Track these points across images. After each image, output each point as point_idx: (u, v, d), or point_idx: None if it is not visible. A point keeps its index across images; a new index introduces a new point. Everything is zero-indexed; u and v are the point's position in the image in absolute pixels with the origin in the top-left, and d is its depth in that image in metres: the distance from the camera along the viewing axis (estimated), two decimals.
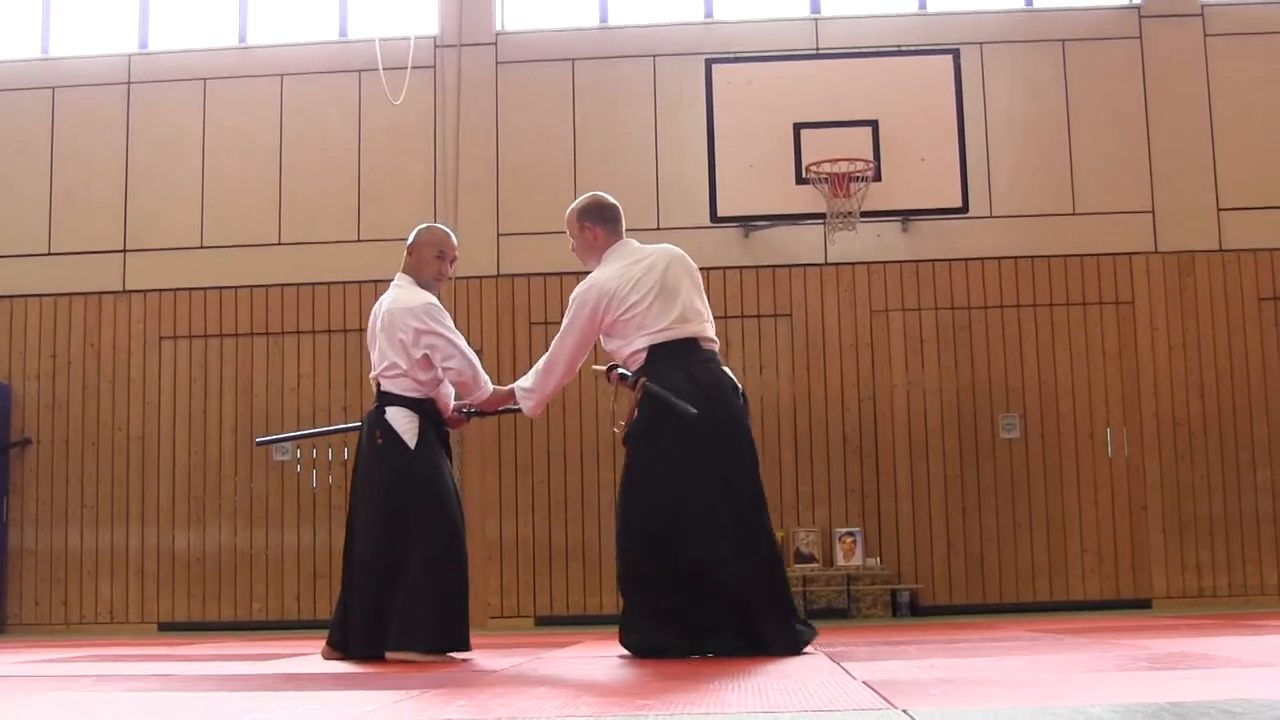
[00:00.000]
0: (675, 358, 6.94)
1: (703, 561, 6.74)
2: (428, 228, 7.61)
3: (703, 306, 7.17)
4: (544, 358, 7.22)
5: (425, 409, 7.29)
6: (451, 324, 7.25)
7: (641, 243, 7.41)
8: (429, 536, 7.11)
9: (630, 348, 7.02)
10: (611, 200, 7.53)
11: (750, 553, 6.82)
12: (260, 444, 8.70)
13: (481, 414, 7.63)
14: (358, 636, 7.09)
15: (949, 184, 13.60)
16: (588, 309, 7.06)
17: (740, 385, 7.21)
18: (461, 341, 7.22)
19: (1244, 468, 14.32)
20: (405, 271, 7.47)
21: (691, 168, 14.38)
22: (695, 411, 6.66)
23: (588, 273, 7.30)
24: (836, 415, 14.61)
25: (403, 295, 7.32)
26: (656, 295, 7.01)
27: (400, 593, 7.01)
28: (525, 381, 7.29)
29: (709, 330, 7.15)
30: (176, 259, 15.21)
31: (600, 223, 7.37)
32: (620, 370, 7.07)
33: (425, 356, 7.20)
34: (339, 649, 7.24)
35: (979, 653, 6.61)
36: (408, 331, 7.18)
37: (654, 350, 6.95)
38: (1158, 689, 4.34)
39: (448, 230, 7.64)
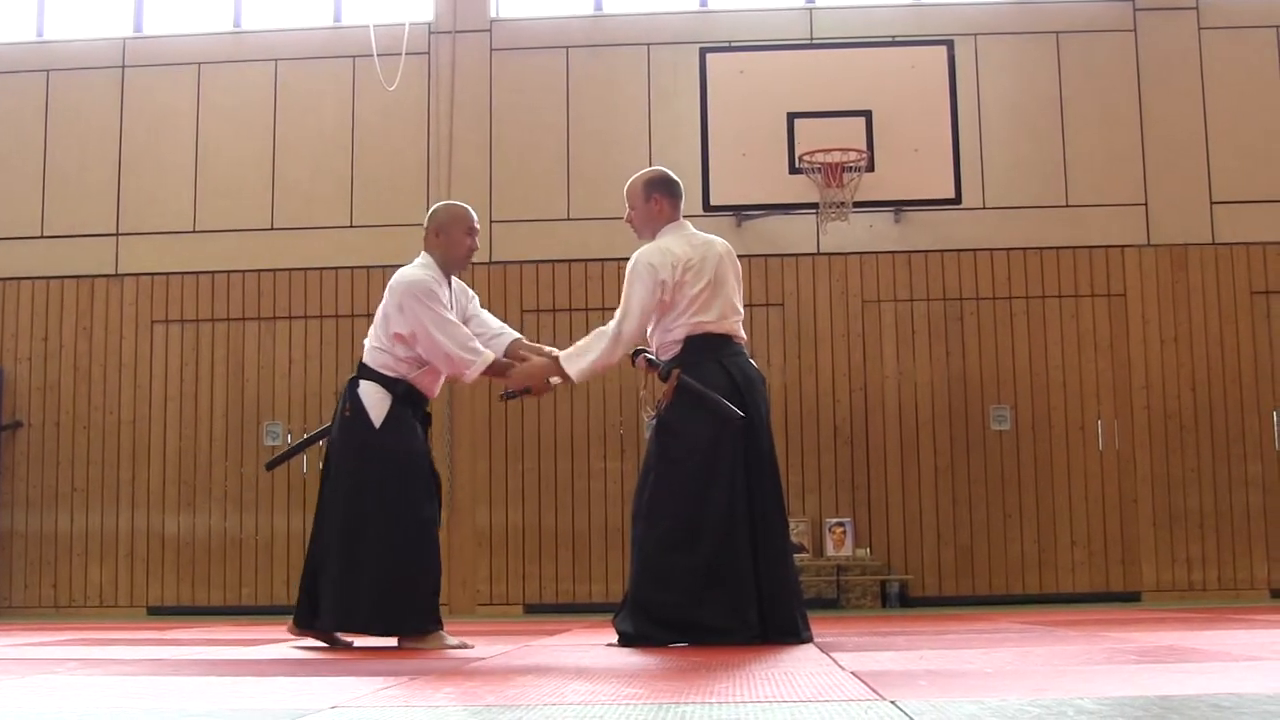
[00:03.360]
0: (711, 350, 6.94)
1: (729, 555, 6.73)
2: (447, 205, 7.52)
3: (740, 304, 7.22)
4: (610, 325, 6.96)
5: (399, 390, 7.14)
6: (440, 308, 7.05)
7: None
8: (381, 517, 6.98)
9: (670, 335, 6.98)
10: (677, 178, 7.44)
11: (775, 549, 6.87)
12: (271, 468, 8.49)
13: (525, 394, 7.27)
14: (324, 612, 7.08)
15: (942, 175, 13.59)
16: (658, 277, 6.91)
17: (765, 377, 7.24)
18: (438, 327, 7.00)
19: (1235, 461, 14.33)
20: (429, 250, 7.35)
21: (684, 156, 14.32)
22: (742, 416, 6.69)
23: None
24: (828, 405, 14.61)
25: (407, 271, 7.21)
26: (709, 284, 7.00)
27: (349, 572, 6.95)
28: (577, 346, 7.03)
29: (741, 329, 7.20)
30: (169, 243, 15.19)
31: (668, 196, 7.27)
32: (648, 355, 7.03)
33: (400, 335, 7.09)
34: (305, 626, 7.22)
35: (968, 644, 6.62)
36: (392, 307, 7.09)
37: (691, 340, 6.94)
38: (1147, 682, 4.34)
39: (467, 206, 7.56)
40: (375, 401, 7.11)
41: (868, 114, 13.55)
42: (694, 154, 13.84)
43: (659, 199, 7.24)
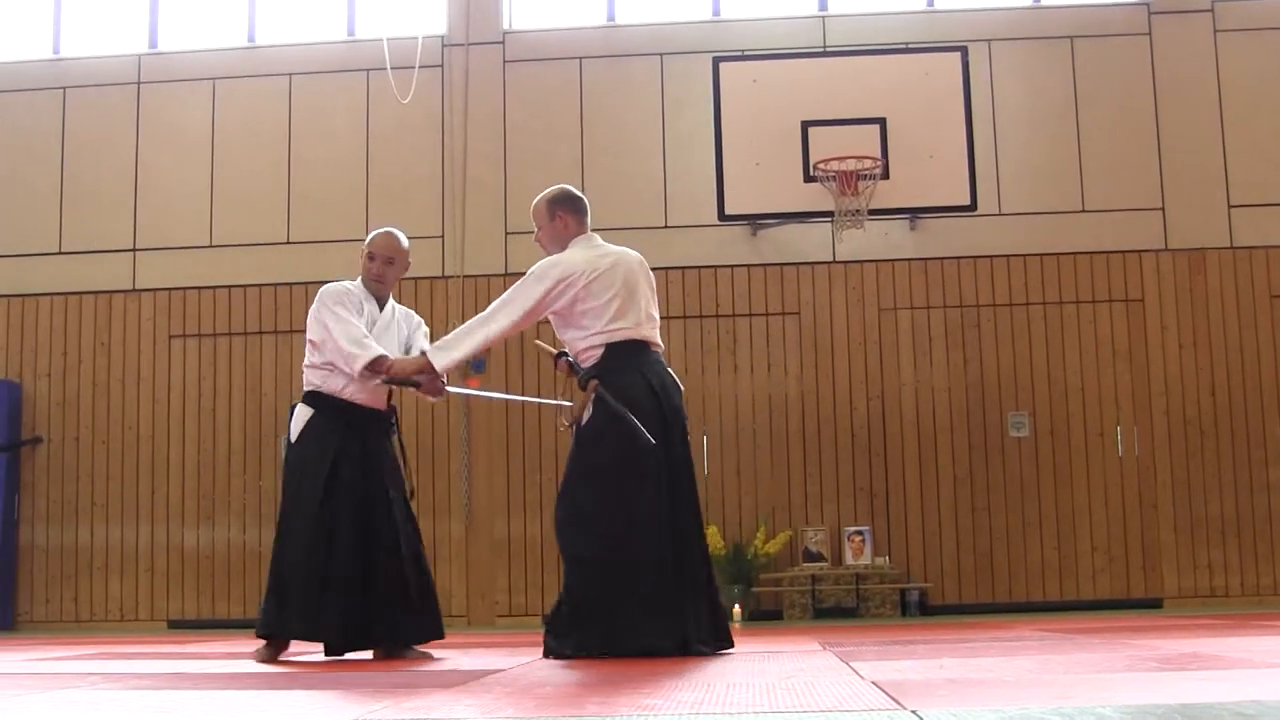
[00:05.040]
0: (630, 357, 6.99)
1: (654, 563, 6.75)
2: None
3: (655, 313, 7.26)
4: (477, 319, 7.16)
5: (319, 401, 7.49)
6: (340, 310, 7.37)
7: (609, 243, 7.45)
8: (283, 527, 7.41)
9: (587, 342, 7.02)
10: (582, 195, 7.53)
11: (699, 554, 6.96)
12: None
13: (395, 383, 7.42)
14: None
15: (957, 181, 13.59)
16: (545, 284, 7.03)
17: (682, 386, 7.30)
18: (334, 325, 7.32)
19: (1256, 466, 14.29)
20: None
21: (699, 166, 14.37)
22: (654, 443, 6.71)
23: None
24: (845, 413, 14.60)
25: (328, 284, 7.59)
26: (618, 292, 7.03)
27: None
28: (446, 339, 7.21)
29: (658, 337, 7.26)
30: (186, 258, 15.23)
31: (572, 212, 7.36)
32: (570, 360, 7.09)
33: (312, 341, 7.47)
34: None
35: (988, 652, 6.60)
36: (310, 316, 7.50)
37: (612, 348, 6.98)
38: (1168, 690, 4.33)
39: (387, 231, 7.78)
40: (299, 418, 7.56)
41: (882, 121, 13.55)
42: (708, 163, 13.86)
43: (563, 215, 7.36)
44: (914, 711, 3.76)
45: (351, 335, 7.28)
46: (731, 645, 6.98)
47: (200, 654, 8.48)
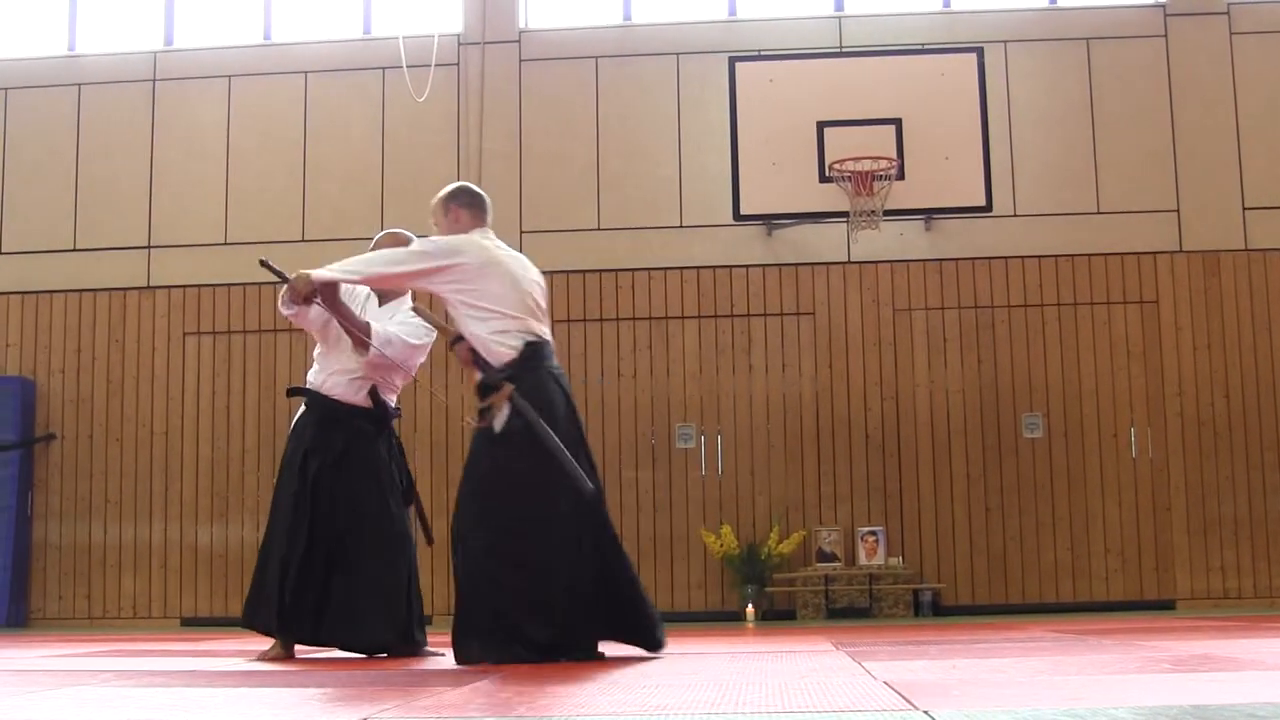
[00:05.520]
0: (543, 359, 6.90)
1: (570, 563, 6.61)
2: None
3: (547, 316, 7.25)
4: (363, 259, 7.08)
5: (308, 397, 7.64)
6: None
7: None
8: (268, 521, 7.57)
9: (505, 340, 6.81)
10: (481, 191, 7.49)
11: (619, 552, 6.83)
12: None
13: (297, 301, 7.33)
14: None
15: (973, 182, 13.58)
16: (434, 259, 6.92)
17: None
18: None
19: (1270, 468, 14.26)
20: None
21: (714, 166, 14.37)
22: (592, 489, 6.60)
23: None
24: (859, 414, 14.59)
25: None
26: (516, 286, 6.99)
27: None
28: (335, 266, 7.10)
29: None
30: (200, 255, 15.25)
31: (465, 206, 7.28)
32: (474, 351, 6.85)
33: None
34: None
35: (1001, 653, 6.60)
36: None
37: (530, 347, 6.83)
38: (1181, 691, 4.32)
39: (390, 232, 7.86)
40: (296, 414, 7.71)
41: (898, 122, 13.55)
42: (724, 163, 13.86)
43: (455, 210, 7.27)
44: (926, 712, 3.76)
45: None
46: (656, 644, 6.80)
47: (213, 651, 8.50)
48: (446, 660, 6.64)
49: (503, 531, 6.66)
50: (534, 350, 6.85)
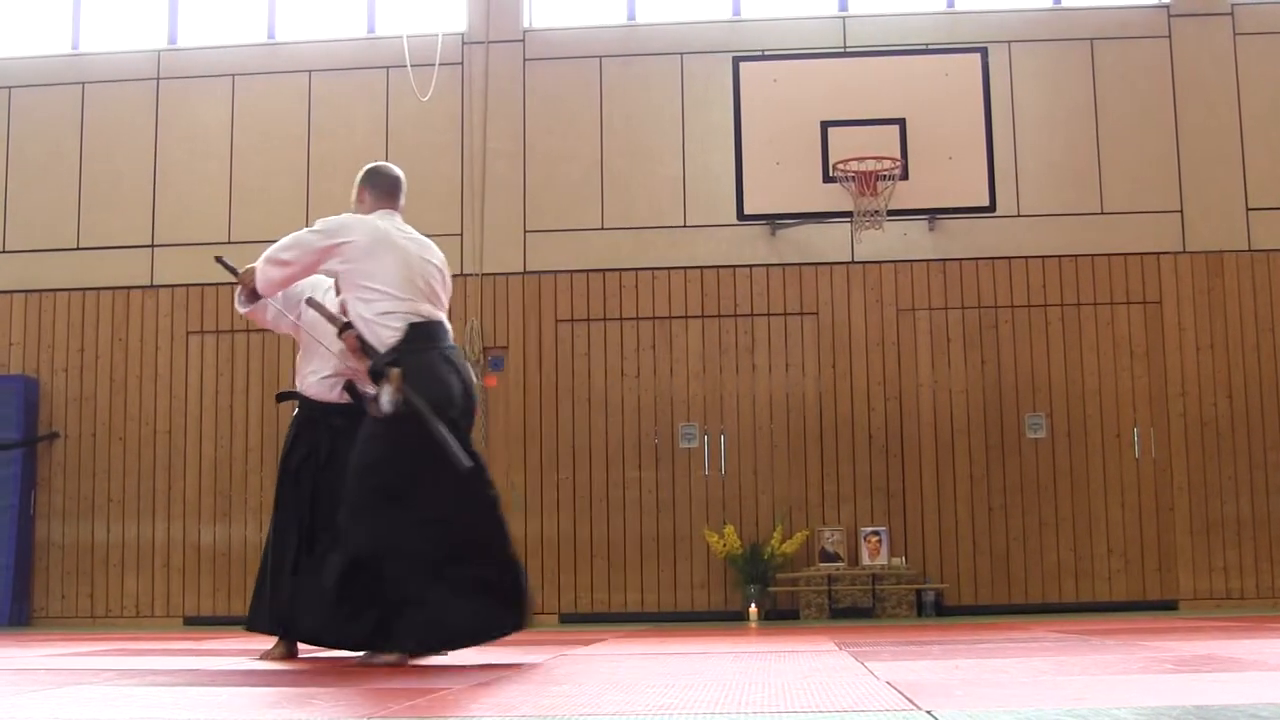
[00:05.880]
0: (432, 340, 6.75)
1: (462, 553, 6.56)
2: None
3: (446, 300, 7.06)
4: (274, 254, 6.94)
5: (300, 399, 7.59)
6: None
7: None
8: None
9: (389, 321, 6.69)
10: (394, 172, 7.40)
11: (504, 535, 6.68)
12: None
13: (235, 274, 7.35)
14: None
15: (976, 183, 13.58)
16: (325, 239, 6.83)
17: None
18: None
19: (1273, 468, 14.26)
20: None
21: (718, 165, 14.38)
22: (470, 465, 6.46)
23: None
24: (863, 414, 14.58)
25: None
26: (400, 265, 6.81)
27: None
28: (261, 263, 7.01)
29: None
30: (204, 254, 15.18)
31: (370, 187, 7.26)
32: (361, 337, 6.74)
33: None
34: None
35: (1004, 653, 6.60)
36: None
37: (414, 328, 6.70)
38: (1184, 692, 4.32)
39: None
40: None
41: (901, 122, 13.55)
42: (727, 163, 13.86)
43: (362, 191, 7.27)
44: (929, 712, 3.76)
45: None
46: (514, 627, 6.65)
47: (215, 651, 8.51)
48: (448, 659, 6.63)
49: (380, 520, 6.53)
50: (418, 331, 6.70)
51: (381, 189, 7.26)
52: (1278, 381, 14.39)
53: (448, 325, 6.97)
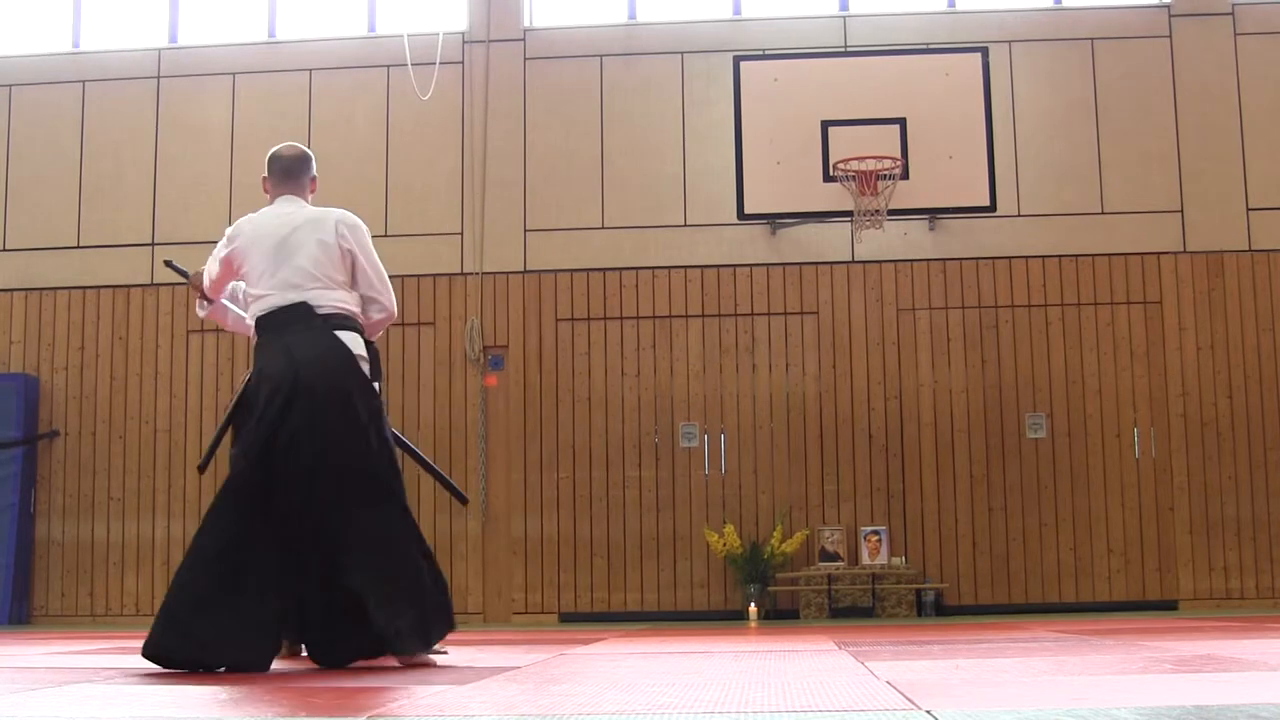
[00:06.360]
0: (279, 330, 6.37)
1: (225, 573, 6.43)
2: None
3: (334, 272, 6.51)
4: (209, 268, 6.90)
5: None
6: None
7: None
8: None
9: (249, 317, 6.60)
10: (290, 152, 6.96)
11: (394, 538, 6.23)
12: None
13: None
14: None
15: (977, 182, 13.59)
16: (221, 249, 6.73)
17: (374, 352, 6.72)
18: None
19: (1273, 469, 14.26)
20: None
21: (718, 164, 14.38)
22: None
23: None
24: (863, 413, 14.59)
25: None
26: (265, 256, 6.45)
27: None
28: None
29: (335, 298, 6.48)
30: (205, 253, 15.15)
31: (270, 175, 6.85)
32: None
33: None
34: None
35: (1004, 653, 6.59)
36: None
37: (260, 321, 6.47)
38: (1184, 692, 4.32)
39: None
40: None
41: (902, 121, 13.56)
42: (728, 162, 13.87)
43: (264, 181, 6.90)
44: (929, 711, 3.76)
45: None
46: (429, 647, 6.18)
47: None
48: (450, 659, 6.63)
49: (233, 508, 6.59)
50: (263, 324, 6.45)
51: (277, 173, 6.84)
52: (1278, 381, 14.39)
53: (312, 302, 6.38)
